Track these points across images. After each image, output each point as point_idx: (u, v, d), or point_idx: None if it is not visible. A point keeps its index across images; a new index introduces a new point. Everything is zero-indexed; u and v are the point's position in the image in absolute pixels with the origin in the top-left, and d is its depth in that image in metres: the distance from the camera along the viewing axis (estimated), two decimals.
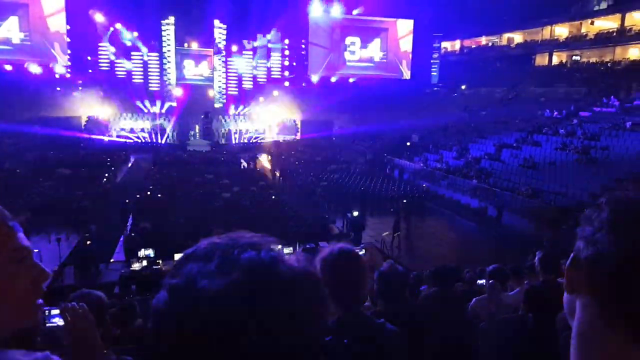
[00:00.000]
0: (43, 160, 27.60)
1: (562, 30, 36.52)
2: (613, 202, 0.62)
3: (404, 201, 19.62)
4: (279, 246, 0.66)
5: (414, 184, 23.78)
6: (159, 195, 19.03)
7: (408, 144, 31.03)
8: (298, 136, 40.15)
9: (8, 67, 33.88)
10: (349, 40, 41.01)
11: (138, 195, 19.28)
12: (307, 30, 39.82)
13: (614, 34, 31.48)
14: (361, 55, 41.53)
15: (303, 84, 41.30)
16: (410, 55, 42.15)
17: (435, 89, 43.18)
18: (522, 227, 17.11)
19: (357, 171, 27.18)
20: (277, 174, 26.97)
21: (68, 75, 36.42)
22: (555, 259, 3.36)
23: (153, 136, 36.72)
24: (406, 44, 41.91)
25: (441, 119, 33.13)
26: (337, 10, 39.81)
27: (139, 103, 37.21)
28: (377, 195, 21.94)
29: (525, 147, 24.31)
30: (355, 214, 15.49)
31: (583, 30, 34.53)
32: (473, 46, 44.41)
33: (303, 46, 40.88)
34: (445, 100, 39.21)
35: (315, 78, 40.83)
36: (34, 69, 34.53)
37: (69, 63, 36.15)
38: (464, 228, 18.53)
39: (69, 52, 36.00)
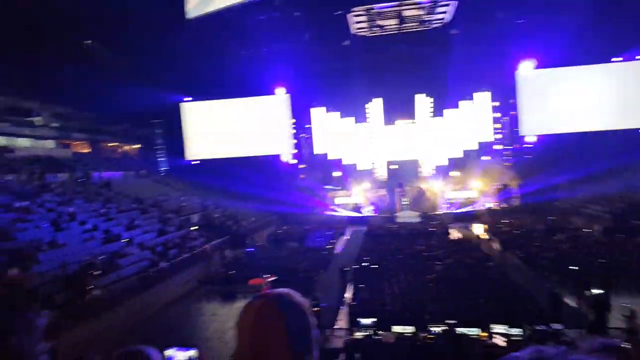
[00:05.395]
0: (276, 235, 32.46)
1: None
2: None
3: None
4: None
5: None
6: (375, 266, 19.82)
7: None
8: (516, 202, 37.01)
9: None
10: (571, 91, 36.00)
11: (356, 266, 20.49)
12: (515, 88, 37.48)
13: None
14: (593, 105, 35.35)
15: (518, 145, 38.62)
16: None
17: None
18: None
19: (593, 240, 23.06)
20: (495, 245, 25.01)
21: (294, 162, 42.49)
22: None
23: (371, 208, 39.36)
24: None
25: None
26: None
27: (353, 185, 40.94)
28: (626, 269, 17.97)
29: None
30: (598, 291, 12.84)
31: None
32: None
33: (512, 104, 38.55)
34: None
35: (531, 138, 37.63)
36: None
37: (295, 151, 42.27)
38: None
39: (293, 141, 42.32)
